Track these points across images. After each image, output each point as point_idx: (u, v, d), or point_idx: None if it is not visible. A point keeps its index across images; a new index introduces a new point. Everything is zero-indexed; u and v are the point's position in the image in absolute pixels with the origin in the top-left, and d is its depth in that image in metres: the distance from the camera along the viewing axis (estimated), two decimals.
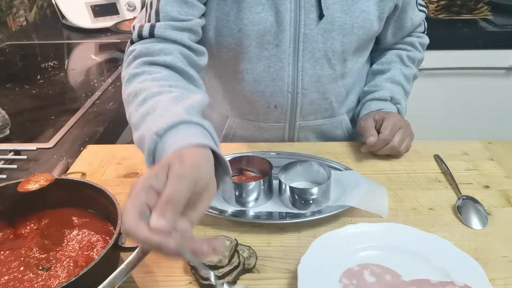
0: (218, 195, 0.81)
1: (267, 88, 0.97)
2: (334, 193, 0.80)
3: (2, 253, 0.65)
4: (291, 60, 0.94)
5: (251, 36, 0.91)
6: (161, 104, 0.68)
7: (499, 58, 1.94)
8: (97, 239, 0.67)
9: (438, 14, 1.98)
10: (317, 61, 0.95)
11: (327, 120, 1.04)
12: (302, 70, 0.95)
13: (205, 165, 0.55)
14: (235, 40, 0.92)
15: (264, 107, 1.00)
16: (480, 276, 0.62)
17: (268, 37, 0.92)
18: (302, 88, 0.97)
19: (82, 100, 1.29)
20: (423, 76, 1.96)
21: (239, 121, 1.05)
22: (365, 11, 0.93)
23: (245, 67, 0.96)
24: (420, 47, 1.12)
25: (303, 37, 0.92)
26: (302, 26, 0.91)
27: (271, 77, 0.96)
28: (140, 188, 0.50)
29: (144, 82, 0.75)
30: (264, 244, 0.72)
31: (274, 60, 0.94)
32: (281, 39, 0.92)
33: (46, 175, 0.70)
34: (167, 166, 0.52)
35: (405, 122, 0.97)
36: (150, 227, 0.47)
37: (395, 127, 0.93)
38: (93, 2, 1.96)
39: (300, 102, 0.99)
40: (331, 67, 0.97)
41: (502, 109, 2.06)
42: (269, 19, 0.91)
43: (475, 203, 0.79)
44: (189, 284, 0.65)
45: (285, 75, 0.96)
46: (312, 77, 0.96)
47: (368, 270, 0.64)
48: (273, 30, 0.91)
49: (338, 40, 0.93)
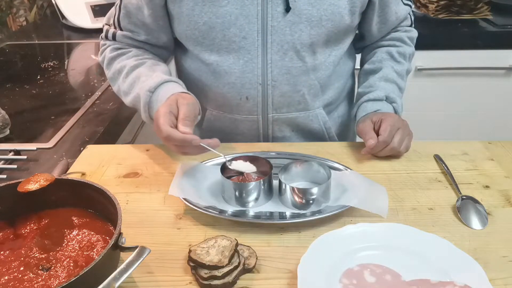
0: (218, 195, 0.81)
1: (238, 80, 0.99)
2: (334, 193, 0.80)
3: (2, 253, 0.65)
4: (260, 52, 0.96)
5: (215, 28, 0.94)
6: (143, 72, 0.96)
7: (499, 58, 1.94)
8: (97, 239, 0.67)
9: (438, 14, 1.98)
10: (286, 53, 0.96)
11: (301, 113, 1.04)
12: (271, 62, 0.97)
13: (195, 99, 0.91)
14: (201, 33, 0.96)
15: (236, 99, 1.01)
16: (480, 276, 0.62)
17: (233, 29, 0.94)
18: (272, 80, 0.98)
19: (82, 100, 1.29)
20: (423, 76, 1.97)
21: (215, 114, 1.07)
22: (334, 4, 0.93)
23: (215, 59, 0.98)
24: (409, 41, 1.11)
25: (271, 29, 0.94)
26: (270, 18, 0.93)
27: (240, 69, 0.98)
28: (164, 112, 0.83)
29: (123, 61, 1.01)
30: (264, 244, 0.72)
31: (243, 52, 0.96)
32: (248, 31, 0.94)
33: (46, 175, 0.70)
34: (175, 100, 0.86)
35: (403, 122, 0.97)
36: (180, 131, 0.80)
37: (393, 128, 0.93)
38: (93, 2, 1.96)
39: (271, 94, 1.00)
40: (301, 59, 0.97)
41: (502, 109, 2.06)
42: (234, 12, 0.93)
43: (475, 203, 0.79)
44: (189, 284, 0.65)
45: (255, 67, 0.97)
46: (281, 69, 0.97)
47: (368, 270, 0.64)
48: (238, 22, 0.93)
49: (306, 32, 0.94)
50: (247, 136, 1.07)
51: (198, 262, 0.64)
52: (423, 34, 1.89)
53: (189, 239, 0.73)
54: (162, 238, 0.74)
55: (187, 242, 0.72)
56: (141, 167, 0.93)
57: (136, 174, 0.91)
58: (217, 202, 0.79)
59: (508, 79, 1.99)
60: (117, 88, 1.02)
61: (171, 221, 0.78)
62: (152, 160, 0.96)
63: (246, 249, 0.69)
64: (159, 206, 0.81)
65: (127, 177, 0.90)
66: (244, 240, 0.71)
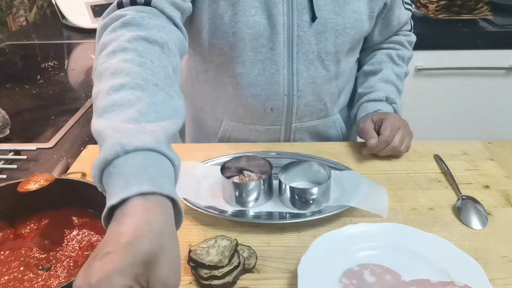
0: (218, 195, 0.81)
1: (263, 92, 0.96)
2: (334, 193, 0.80)
3: (2, 253, 0.65)
4: (286, 63, 0.94)
5: (245, 39, 0.91)
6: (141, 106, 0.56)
7: (499, 58, 1.94)
8: (97, 239, 0.67)
9: (438, 14, 1.98)
10: (311, 63, 0.95)
11: (321, 121, 1.04)
12: (297, 72, 0.95)
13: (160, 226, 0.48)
14: (229, 43, 0.92)
15: (260, 111, 0.99)
16: (480, 276, 0.62)
17: (262, 40, 0.92)
18: (297, 90, 0.97)
19: (82, 100, 1.29)
20: (423, 76, 1.97)
21: (234, 125, 1.04)
22: (356, 11, 0.93)
23: (240, 71, 0.95)
24: (408, 45, 1.12)
25: (297, 39, 0.92)
26: (296, 28, 0.91)
27: (266, 80, 0.95)
28: None
29: (130, 64, 0.62)
30: (264, 244, 0.72)
31: (269, 63, 0.94)
32: (275, 42, 0.92)
33: (46, 175, 0.70)
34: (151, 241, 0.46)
35: (404, 122, 0.97)
36: None
37: (394, 128, 0.93)
38: (93, 2, 1.96)
39: (296, 104, 0.98)
40: (325, 68, 0.97)
41: (502, 109, 2.06)
42: (263, 22, 0.90)
43: (475, 203, 0.79)
44: (189, 284, 0.65)
45: (281, 78, 0.95)
46: (307, 79, 0.96)
47: (368, 270, 0.64)
48: (266, 33, 0.91)
49: (331, 41, 0.94)
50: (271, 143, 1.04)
51: (198, 262, 0.64)
52: (423, 34, 1.90)
53: (189, 239, 0.73)
54: None
55: (187, 242, 0.72)
56: None
57: None
58: (217, 202, 0.79)
59: (508, 79, 1.99)
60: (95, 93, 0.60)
61: None
62: None
63: (246, 249, 0.69)
64: None
65: None
66: (244, 240, 0.71)
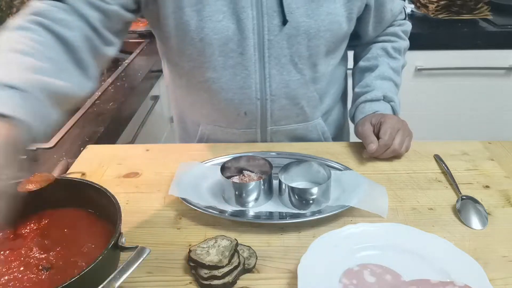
0: (218, 195, 0.81)
1: (235, 96, 0.96)
2: (334, 193, 0.80)
3: (2, 253, 0.65)
4: (257, 67, 0.93)
5: (213, 45, 0.89)
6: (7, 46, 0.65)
7: (499, 58, 1.94)
8: (97, 239, 0.67)
9: (438, 14, 1.98)
10: (284, 67, 0.94)
11: (300, 125, 1.03)
12: (270, 76, 0.94)
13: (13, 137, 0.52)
14: (197, 49, 0.91)
15: (234, 114, 0.98)
16: (480, 276, 0.62)
17: (231, 45, 0.90)
18: (270, 94, 0.96)
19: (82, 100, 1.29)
20: (423, 76, 1.97)
21: (211, 128, 1.03)
22: (331, 13, 0.91)
23: (210, 76, 0.94)
24: (404, 35, 1.10)
25: (268, 43, 0.91)
26: (266, 32, 0.90)
27: (238, 85, 0.94)
28: None
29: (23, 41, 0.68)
30: (264, 244, 0.72)
31: (240, 68, 0.93)
32: (245, 46, 0.90)
33: (46, 175, 0.69)
34: None
35: (403, 123, 0.96)
36: None
37: (394, 130, 0.93)
38: None
39: (269, 108, 0.97)
40: (299, 72, 0.95)
41: (502, 109, 2.06)
42: (231, 27, 0.89)
43: (475, 203, 0.79)
44: (189, 284, 0.65)
45: (252, 83, 0.94)
46: (279, 83, 0.95)
47: (368, 270, 0.64)
48: (236, 38, 0.89)
49: (304, 45, 0.92)
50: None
51: (198, 262, 0.64)
52: (423, 34, 1.91)
53: (189, 239, 0.73)
54: (162, 238, 0.74)
55: (187, 242, 0.72)
56: (141, 167, 0.93)
57: (136, 174, 0.91)
58: (217, 202, 0.79)
59: (508, 79, 1.99)
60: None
61: (171, 221, 0.78)
62: (152, 160, 0.96)
63: (246, 249, 0.69)
64: (159, 206, 0.81)
65: (127, 177, 0.90)
66: (244, 240, 0.71)
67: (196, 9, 0.87)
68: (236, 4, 0.87)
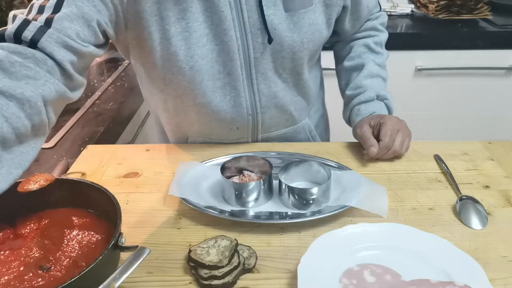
0: (218, 195, 0.81)
1: (227, 115, 0.95)
2: (334, 193, 0.80)
3: (2, 253, 0.65)
4: (245, 85, 0.93)
5: (202, 70, 0.88)
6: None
7: (499, 58, 1.94)
8: (97, 239, 0.67)
9: (438, 14, 1.98)
10: (270, 80, 0.94)
11: (289, 129, 1.04)
12: (258, 91, 0.94)
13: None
14: (186, 77, 0.89)
15: (226, 130, 0.99)
16: (480, 276, 0.62)
17: (217, 67, 0.89)
18: (261, 107, 0.96)
19: (82, 100, 1.29)
20: (423, 76, 1.97)
21: (201, 140, 1.03)
22: (313, 23, 0.91)
23: (200, 101, 0.93)
24: (382, 27, 1.09)
25: (254, 61, 0.90)
26: (252, 51, 0.89)
27: (228, 104, 0.94)
28: None
29: None
30: (264, 244, 0.72)
31: (229, 88, 0.92)
32: (231, 67, 0.90)
33: (46, 175, 0.70)
34: None
35: (402, 123, 0.96)
36: None
37: (394, 132, 0.93)
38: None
39: (260, 119, 0.98)
40: (284, 81, 0.96)
41: (502, 109, 2.06)
42: (215, 48, 0.87)
43: (475, 203, 0.79)
44: (189, 284, 0.65)
45: (243, 101, 0.94)
46: (268, 96, 0.96)
47: (368, 270, 0.64)
48: (220, 59, 0.89)
49: (288, 59, 0.92)
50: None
51: (198, 262, 0.65)
52: (423, 34, 1.91)
53: (189, 239, 0.73)
54: (162, 238, 0.74)
55: (187, 242, 0.72)
56: (141, 167, 0.93)
57: (136, 174, 0.91)
58: (217, 202, 0.79)
59: (508, 79, 1.99)
60: None
61: (171, 221, 0.78)
62: (152, 160, 0.96)
63: (246, 249, 0.69)
64: (159, 206, 0.81)
65: (127, 177, 0.90)
66: (244, 240, 0.71)
67: (183, 38, 0.85)
68: (218, 26, 0.85)
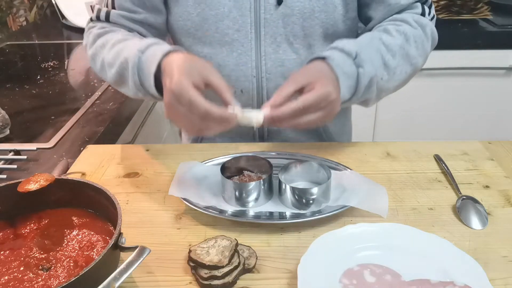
0: (218, 195, 0.81)
1: (232, 73, 0.98)
2: (334, 193, 0.80)
3: (2, 253, 0.65)
4: (253, 45, 0.96)
5: (209, 20, 0.93)
6: (130, 42, 0.87)
7: (499, 58, 1.94)
8: (97, 239, 0.67)
9: (438, 14, 1.98)
10: (279, 45, 0.96)
11: None
12: (265, 54, 0.96)
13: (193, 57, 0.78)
14: (194, 24, 0.95)
15: None
16: (480, 276, 0.62)
17: (227, 21, 0.93)
18: (266, 72, 0.98)
19: (82, 100, 1.29)
20: (423, 76, 1.97)
21: None
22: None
23: (208, 52, 0.97)
24: (416, 24, 0.92)
25: (264, 22, 0.94)
26: (262, 11, 0.93)
27: (234, 61, 0.97)
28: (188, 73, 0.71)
29: (108, 36, 0.92)
30: (264, 244, 0.72)
31: (236, 44, 0.96)
32: (241, 24, 0.94)
33: (46, 175, 0.70)
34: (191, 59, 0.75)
35: (334, 98, 0.75)
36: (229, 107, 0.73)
37: (317, 106, 0.74)
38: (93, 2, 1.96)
39: (265, 87, 0.99)
40: (294, 51, 0.97)
41: (502, 109, 2.06)
42: (227, 4, 0.92)
43: (475, 203, 0.79)
44: (189, 284, 0.65)
45: (249, 60, 0.97)
46: (275, 62, 0.97)
47: (368, 270, 0.64)
48: (232, 15, 0.93)
49: (299, 25, 0.94)
50: (242, 129, 0.96)
51: (198, 262, 0.64)
52: None
53: (189, 239, 0.73)
54: (162, 238, 0.74)
55: (187, 242, 0.72)
56: (141, 167, 0.93)
57: (136, 174, 0.91)
58: (217, 202, 0.79)
59: (508, 79, 1.99)
60: (101, 63, 0.91)
61: (171, 221, 0.78)
62: (152, 160, 0.96)
63: (246, 249, 0.69)
64: (159, 206, 0.81)
65: (127, 177, 0.90)
66: (244, 240, 0.71)
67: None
68: None
